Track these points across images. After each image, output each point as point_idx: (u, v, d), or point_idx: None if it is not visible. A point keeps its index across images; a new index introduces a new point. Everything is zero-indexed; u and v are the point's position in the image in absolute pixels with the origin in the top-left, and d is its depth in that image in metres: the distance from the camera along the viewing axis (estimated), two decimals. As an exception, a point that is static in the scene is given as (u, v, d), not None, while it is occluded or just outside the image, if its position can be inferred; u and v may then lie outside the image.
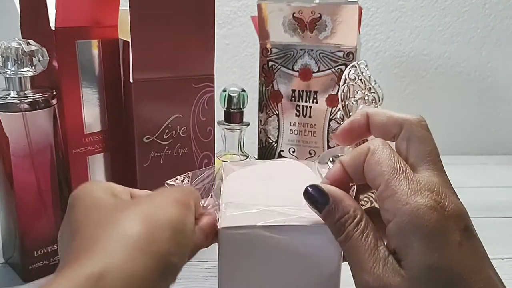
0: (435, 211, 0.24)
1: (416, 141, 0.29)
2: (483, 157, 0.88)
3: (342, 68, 0.56)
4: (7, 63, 0.42)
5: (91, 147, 0.48)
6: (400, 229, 0.25)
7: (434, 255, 0.24)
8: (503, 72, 0.89)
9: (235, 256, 0.30)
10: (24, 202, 0.44)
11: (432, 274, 0.24)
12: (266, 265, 0.30)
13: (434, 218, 0.24)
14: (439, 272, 0.24)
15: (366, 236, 0.26)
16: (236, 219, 0.30)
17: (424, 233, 0.24)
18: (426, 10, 0.86)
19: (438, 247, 0.24)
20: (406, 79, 0.89)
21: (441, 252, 0.24)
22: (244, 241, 0.29)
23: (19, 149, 0.43)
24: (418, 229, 0.24)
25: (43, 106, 0.44)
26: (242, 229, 0.29)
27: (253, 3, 0.81)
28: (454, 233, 0.24)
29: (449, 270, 0.24)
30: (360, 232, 0.27)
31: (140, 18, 0.44)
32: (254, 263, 0.30)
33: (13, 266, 0.48)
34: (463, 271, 0.24)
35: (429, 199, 0.25)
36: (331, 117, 0.58)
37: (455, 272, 0.24)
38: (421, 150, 0.28)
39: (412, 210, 0.25)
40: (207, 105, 0.51)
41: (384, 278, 0.25)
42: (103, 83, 0.48)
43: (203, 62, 0.50)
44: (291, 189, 0.34)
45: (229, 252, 0.30)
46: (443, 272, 0.24)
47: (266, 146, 0.62)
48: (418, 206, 0.25)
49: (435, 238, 0.24)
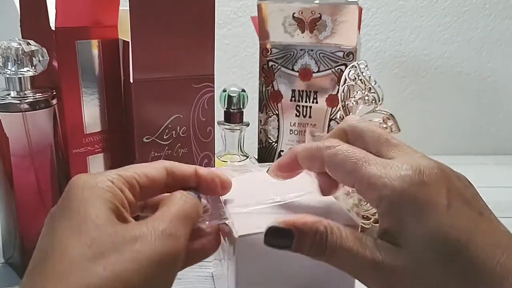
0: (413, 182, 0.25)
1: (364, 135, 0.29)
2: (483, 157, 0.88)
3: (342, 68, 0.56)
4: (7, 63, 0.42)
5: (91, 147, 0.48)
6: (387, 211, 0.25)
7: (426, 224, 0.24)
8: (503, 72, 0.89)
9: (252, 263, 0.30)
10: (24, 202, 0.44)
11: (429, 243, 0.24)
12: (281, 265, 0.31)
13: (414, 189, 0.24)
14: (435, 240, 0.24)
15: (346, 237, 0.26)
16: (249, 225, 0.30)
17: (410, 207, 0.24)
18: (426, 10, 0.86)
19: (426, 215, 0.24)
20: (406, 79, 0.89)
21: (431, 219, 0.24)
22: (261, 246, 0.28)
23: (19, 149, 0.43)
24: (403, 206, 0.24)
25: (43, 106, 0.43)
26: (259, 235, 0.28)
27: (253, 3, 0.81)
28: (438, 197, 0.24)
29: (444, 235, 0.23)
30: (339, 238, 0.26)
31: (140, 18, 0.44)
32: (270, 266, 0.30)
33: (13, 266, 0.48)
34: (458, 232, 0.23)
35: (404, 174, 0.25)
36: (331, 117, 0.58)
37: (451, 236, 0.23)
38: (371, 138, 0.28)
39: (392, 190, 0.25)
40: (207, 105, 0.51)
41: (383, 262, 0.25)
42: (103, 83, 0.48)
43: (203, 62, 0.50)
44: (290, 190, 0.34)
45: (247, 259, 0.30)
46: (438, 239, 0.23)
47: (266, 146, 0.62)
48: (395, 186, 0.25)
49: (422, 207, 0.24)
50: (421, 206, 0.24)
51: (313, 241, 0.26)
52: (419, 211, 0.24)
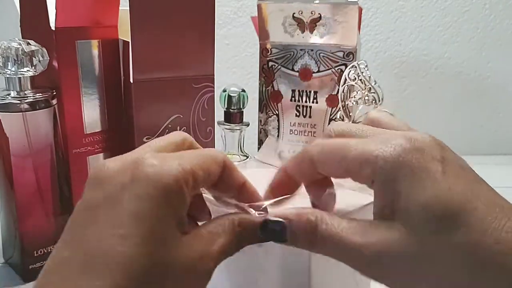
0: (406, 150, 0.23)
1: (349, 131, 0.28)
2: (483, 157, 0.88)
3: (342, 68, 0.56)
4: (7, 63, 0.42)
5: (91, 147, 0.48)
6: (382, 184, 0.24)
7: (422, 191, 0.22)
8: (503, 72, 0.89)
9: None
10: (24, 202, 0.44)
11: (426, 210, 0.22)
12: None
13: (408, 156, 0.23)
14: (433, 208, 0.22)
15: (336, 224, 0.25)
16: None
17: (404, 174, 0.23)
18: (426, 10, 0.86)
19: (422, 181, 0.22)
20: (406, 79, 0.89)
21: (427, 185, 0.22)
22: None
23: (19, 149, 0.43)
24: (397, 174, 0.23)
25: (43, 106, 0.44)
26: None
27: (253, 3, 0.81)
28: (433, 163, 0.23)
29: (442, 200, 0.22)
30: (330, 225, 0.25)
31: (140, 18, 0.44)
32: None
33: (13, 266, 0.48)
34: (457, 196, 0.22)
35: (396, 143, 0.24)
36: (331, 117, 0.58)
37: (449, 200, 0.22)
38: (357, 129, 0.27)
39: (385, 161, 0.23)
40: (207, 105, 0.51)
41: (376, 243, 0.23)
42: (103, 83, 0.48)
43: (203, 62, 0.50)
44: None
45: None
46: (436, 206, 0.22)
47: (266, 146, 0.62)
48: (387, 156, 0.23)
49: (416, 174, 0.23)
50: (415, 172, 0.23)
51: (304, 232, 0.25)
52: (414, 178, 0.22)
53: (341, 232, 0.24)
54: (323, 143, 0.27)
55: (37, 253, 0.46)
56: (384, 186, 0.24)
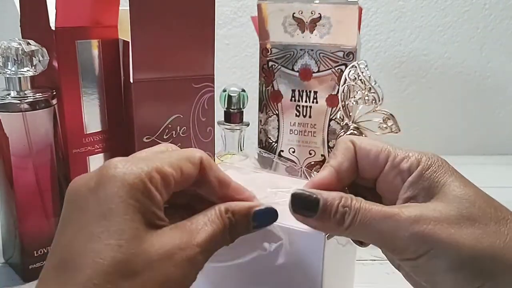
0: (439, 157, 0.29)
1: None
2: (483, 157, 0.88)
3: (342, 68, 0.56)
4: (7, 63, 0.42)
5: (91, 147, 0.48)
6: (423, 175, 0.28)
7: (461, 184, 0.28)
8: (503, 72, 0.89)
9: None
10: (24, 202, 0.44)
11: (461, 199, 0.27)
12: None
13: (444, 162, 0.29)
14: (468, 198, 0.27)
15: (371, 202, 0.27)
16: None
17: (443, 172, 0.28)
18: (426, 10, 0.86)
19: (463, 181, 0.28)
20: (406, 79, 0.89)
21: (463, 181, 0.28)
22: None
23: (19, 149, 0.43)
24: (437, 170, 0.28)
25: (43, 106, 0.44)
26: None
27: (253, 3, 0.81)
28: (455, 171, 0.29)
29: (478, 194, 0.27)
30: (363, 201, 0.27)
31: (140, 18, 0.44)
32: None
33: (13, 266, 0.48)
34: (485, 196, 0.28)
35: (431, 155, 0.29)
36: (331, 117, 0.58)
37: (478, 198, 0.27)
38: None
39: (429, 160, 0.29)
40: (207, 105, 0.51)
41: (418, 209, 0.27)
42: (103, 83, 0.48)
43: (203, 62, 0.50)
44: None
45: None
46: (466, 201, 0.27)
47: (266, 146, 0.62)
48: (430, 158, 0.29)
49: (453, 174, 0.28)
50: (451, 172, 0.28)
51: (337, 205, 0.27)
52: (451, 175, 0.28)
53: (376, 206, 0.27)
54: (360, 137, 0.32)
55: (37, 253, 0.46)
56: (423, 177, 0.28)
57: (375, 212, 0.27)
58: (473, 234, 0.26)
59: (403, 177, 0.29)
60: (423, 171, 0.28)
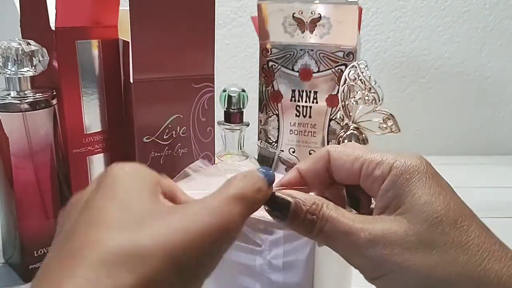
0: (417, 162, 0.27)
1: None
2: (483, 157, 0.88)
3: (342, 68, 0.56)
4: (7, 63, 0.42)
5: (91, 147, 0.48)
6: (393, 184, 0.27)
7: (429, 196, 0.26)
8: (503, 72, 0.89)
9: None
10: (24, 202, 0.44)
11: (429, 214, 0.25)
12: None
13: (420, 167, 0.27)
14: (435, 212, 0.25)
15: (342, 211, 0.27)
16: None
17: (416, 180, 0.26)
18: (426, 10, 0.86)
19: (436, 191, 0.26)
20: (406, 79, 0.89)
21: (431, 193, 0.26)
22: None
23: (19, 149, 0.43)
24: (410, 178, 0.26)
25: (43, 106, 0.44)
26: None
27: (253, 3, 0.81)
28: (434, 176, 0.27)
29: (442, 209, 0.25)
30: (334, 210, 0.27)
31: (140, 18, 0.44)
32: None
33: (13, 266, 0.48)
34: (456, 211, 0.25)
35: (407, 155, 0.28)
36: (331, 117, 0.58)
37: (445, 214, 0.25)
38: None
39: (403, 166, 0.27)
40: (207, 105, 0.51)
41: (380, 228, 0.25)
42: (103, 83, 0.48)
43: (203, 62, 0.50)
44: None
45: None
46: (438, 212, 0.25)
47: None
48: (403, 161, 0.27)
49: (426, 183, 0.26)
50: (425, 180, 0.26)
51: (307, 213, 0.27)
52: (424, 184, 0.26)
53: (343, 217, 0.26)
54: (344, 145, 0.30)
55: (37, 253, 0.46)
56: (394, 185, 0.27)
57: (340, 225, 0.26)
58: (430, 262, 0.24)
59: (378, 184, 0.28)
60: (395, 177, 0.27)
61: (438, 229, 0.25)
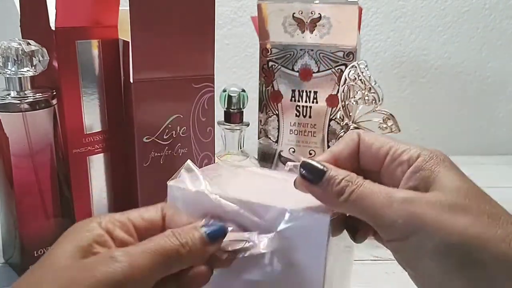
0: (442, 153, 0.29)
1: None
2: (483, 157, 0.88)
3: (342, 68, 0.56)
4: (7, 63, 0.42)
5: (91, 147, 0.48)
6: (423, 165, 0.28)
7: (459, 178, 0.28)
8: (503, 72, 0.89)
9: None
10: (24, 202, 0.44)
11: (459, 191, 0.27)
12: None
13: (446, 157, 0.29)
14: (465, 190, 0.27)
15: (372, 183, 0.28)
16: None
17: (446, 164, 0.29)
18: (426, 10, 0.86)
19: (462, 176, 0.28)
20: (406, 79, 0.89)
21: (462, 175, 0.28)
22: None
23: (19, 149, 0.43)
24: (437, 163, 0.28)
25: (43, 106, 0.44)
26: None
27: (253, 3, 0.81)
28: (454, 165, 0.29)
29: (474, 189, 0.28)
30: (367, 181, 0.29)
31: (140, 18, 0.44)
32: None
33: (13, 266, 0.48)
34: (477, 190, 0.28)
35: (434, 150, 0.30)
36: (331, 117, 0.58)
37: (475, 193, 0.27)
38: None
39: (431, 153, 0.29)
40: (207, 105, 0.51)
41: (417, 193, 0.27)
42: (103, 83, 0.48)
43: (203, 62, 0.50)
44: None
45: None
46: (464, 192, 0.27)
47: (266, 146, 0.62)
48: (431, 152, 0.29)
49: (452, 168, 0.29)
50: (451, 166, 0.29)
51: (341, 180, 0.29)
52: (450, 168, 0.28)
53: (377, 184, 0.28)
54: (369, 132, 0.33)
55: (37, 253, 0.46)
56: (423, 168, 0.28)
57: (373, 188, 0.28)
58: (464, 222, 0.25)
59: (403, 168, 0.29)
60: (423, 162, 0.28)
61: (471, 200, 0.27)
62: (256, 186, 0.36)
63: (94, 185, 0.48)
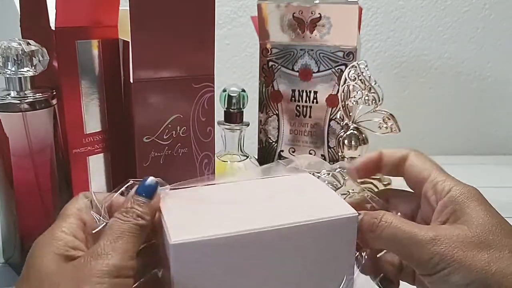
0: (474, 189, 0.32)
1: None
2: (483, 157, 0.88)
3: (342, 68, 0.56)
4: (7, 63, 0.42)
5: (91, 147, 0.48)
6: (454, 199, 0.31)
7: (487, 213, 0.30)
8: (503, 72, 0.89)
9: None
10: (24, 202, 0.44)
11: (485, 225, 0.30)
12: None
13: (477, 193, 0.32)
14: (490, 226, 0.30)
15: (399, 218, 0.31)
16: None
17: (476, 198, 0.31)
18: (426, 10, 0.86)
19: (490, 210, 0.31)
20: (406, 79, 0.89)
21: (490, 210, 0.31)
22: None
23: (19, 149, 0.43)
24: (471, 197, 0.31)
25: (43, 106, 0.44)
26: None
27: (253, 3, 0.81)
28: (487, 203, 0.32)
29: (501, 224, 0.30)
30: (395, 217, 0.31)
31: (140, 18, 0.44)
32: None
33: (13, 266, 0.48)
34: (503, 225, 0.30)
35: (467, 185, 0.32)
36: (331, 117, 0.58)
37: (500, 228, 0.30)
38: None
39: (462, 188, 0.32)
40: (207, 105, 0.51)
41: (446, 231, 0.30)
42: (103, 83, 0.48)
43: (203, 62, 0.50)
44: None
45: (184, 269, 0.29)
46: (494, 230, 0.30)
47: (266, 146, 0.62)
48: (464, 187, 0.32)
49: (482, 204, 0.31)
50: (480, 202, 0.31)
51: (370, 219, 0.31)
52: (479, 205, 0.31)
53: (406, 221, 0.31)
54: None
55: (37, 253, 0.46)
56: (453, 202, 0.31)
57: (405, 225, 0.31)
58: (486, 258, 0.28)
59: (437, 197, 0.32)
60: (454, 196, 0.31)
61: (495, 234, 0.29)
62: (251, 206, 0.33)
63: (94, 185, 0.48)
